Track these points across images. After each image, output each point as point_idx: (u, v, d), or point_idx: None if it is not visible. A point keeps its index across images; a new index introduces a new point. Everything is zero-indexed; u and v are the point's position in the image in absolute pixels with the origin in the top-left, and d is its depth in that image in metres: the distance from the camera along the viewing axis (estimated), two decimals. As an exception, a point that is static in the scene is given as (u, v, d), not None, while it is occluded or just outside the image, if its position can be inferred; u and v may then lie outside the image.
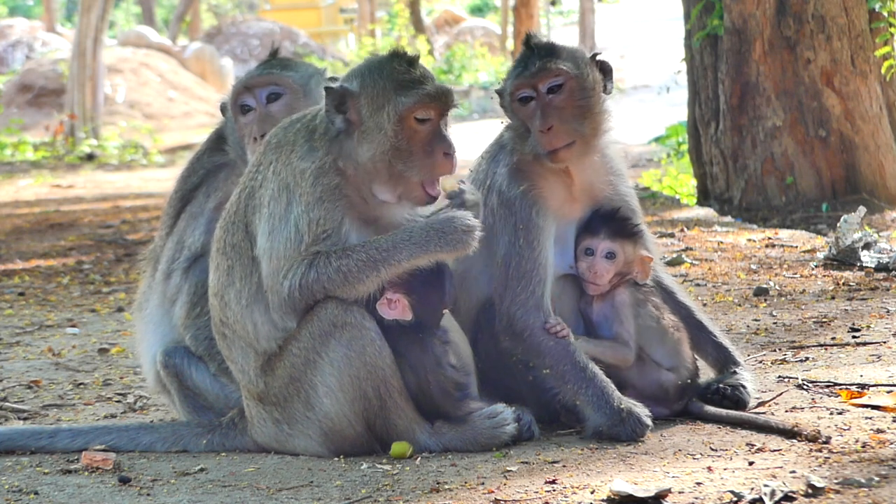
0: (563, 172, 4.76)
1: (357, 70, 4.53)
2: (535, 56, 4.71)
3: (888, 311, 6.44)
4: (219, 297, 4.58)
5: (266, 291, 4.44)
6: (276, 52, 5.30)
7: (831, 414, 4.59)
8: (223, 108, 5.26)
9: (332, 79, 4.79)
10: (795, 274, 7.74)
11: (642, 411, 4.49)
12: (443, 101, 4.43)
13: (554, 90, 4.68)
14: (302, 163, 4.44)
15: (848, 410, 4.63)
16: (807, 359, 5.56)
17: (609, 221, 4.75)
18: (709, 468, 4.02)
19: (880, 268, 7.63)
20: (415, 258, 4.34)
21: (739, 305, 6.94)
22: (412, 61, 4.48)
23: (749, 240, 9.29)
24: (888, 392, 4.79)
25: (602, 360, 4.64)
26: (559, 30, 47.17)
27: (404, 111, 4.39)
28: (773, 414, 4.66)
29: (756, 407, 4.76)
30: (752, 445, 4.27)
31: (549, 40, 4.83)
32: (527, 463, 4.24)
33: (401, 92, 4.40)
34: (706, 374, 4.94)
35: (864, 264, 7.75)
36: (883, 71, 11.31)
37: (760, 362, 5.55)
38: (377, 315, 4.40)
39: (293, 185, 4.42)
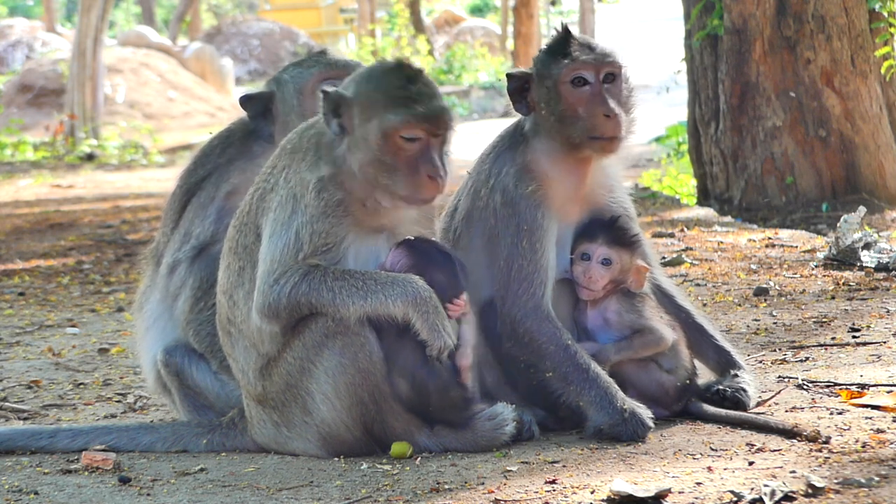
0: (578, 171, 4.73)
1: (357, 76, 4.48)
2: (587, 44, 4.69)
3: (888, 311, 6.43)
4: (227, 295, 4.57)
5: (254, 290, 4.42)
6: (324, 52, 5.32)
7: (831, 414, 4.59)
8: (252, 99, 5.14)
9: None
10: (795, 274, 7.74)
11: (644, 412, 4.49)
12: (434, 123, 4.32)
13: (609, 79, 4.68)
14: (308, 174, 4.40)
15: (848, 410, 4.62)
16: (807, 359, 5.55)
17: (608, 228, 4.74)
18: (709, 468, 4.02)
19: (880, 268, 7.63)
20: (409, 306, 4.27)
21: (739, 305, 6.94)
22: (412, 76, 4.37)
23: (749, 240, 9.28)
24: (888, 392, 4.79)
25: (640, 357, 4.65)
26: (559, 30, 46.97)
27: (390, 128, 4.30)
28: (772, 414, 4.66)
29: (755, 406, 4.76)
30: (752, 445, 4.27)
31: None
32: (527, 463, 4.23)
33: (390, 108, 4.31)
34: (707, 376, 4.94)
35: (864, 264, 7.75)
36: (883, 71, 11.31)
37: (760, 362, 5.54)
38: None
39: (299, 195, 4.40)
